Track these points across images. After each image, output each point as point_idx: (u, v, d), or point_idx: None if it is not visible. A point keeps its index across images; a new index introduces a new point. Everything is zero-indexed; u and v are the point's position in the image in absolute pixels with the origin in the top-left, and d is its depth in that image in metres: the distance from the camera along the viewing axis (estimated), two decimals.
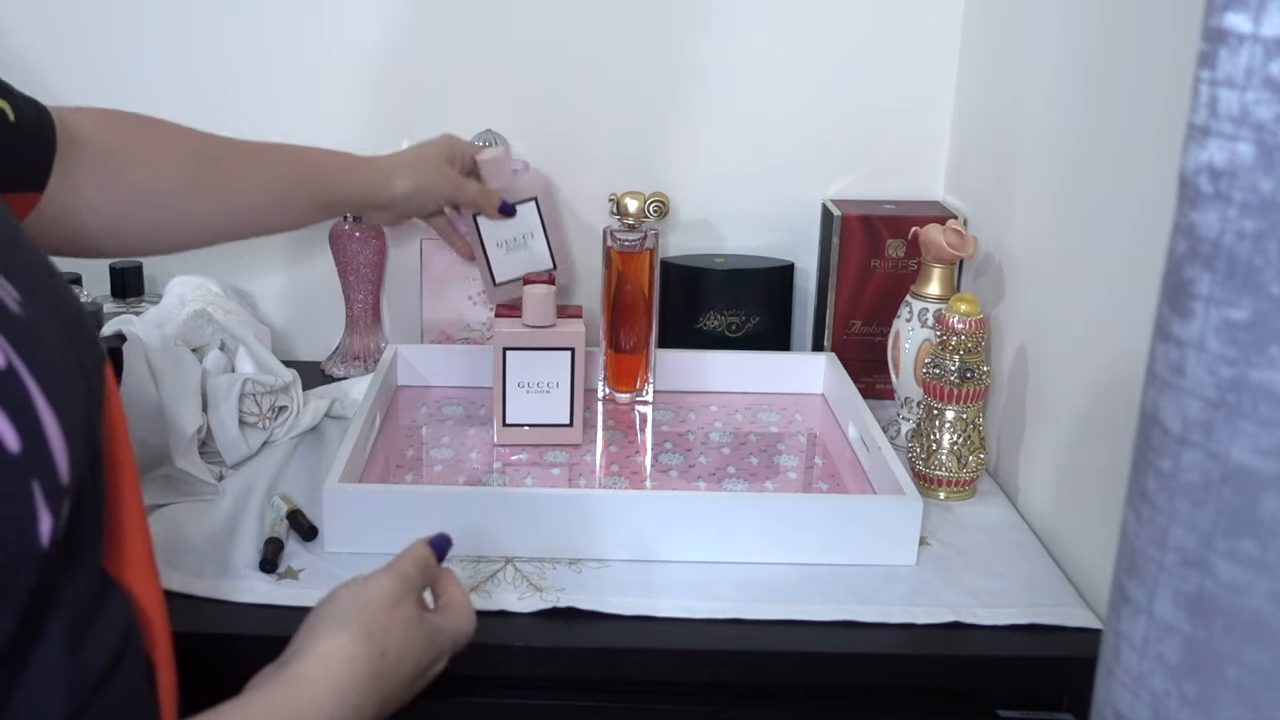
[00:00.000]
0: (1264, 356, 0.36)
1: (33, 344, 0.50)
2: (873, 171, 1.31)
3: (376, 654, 0.65)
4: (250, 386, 1.07)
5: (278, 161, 1.04)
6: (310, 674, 0.62)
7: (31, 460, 0.47)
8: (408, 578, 0.71)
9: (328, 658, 0.63)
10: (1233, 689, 0.38)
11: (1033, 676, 0.84)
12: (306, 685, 0.62)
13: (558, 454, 1.09)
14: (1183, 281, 0.38)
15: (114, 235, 0.92)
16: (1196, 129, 0.38)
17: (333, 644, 0.64)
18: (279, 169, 1.03)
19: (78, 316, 0.58)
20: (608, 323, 1.19)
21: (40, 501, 0.47)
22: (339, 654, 0.64)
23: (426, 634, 0.70)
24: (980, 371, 1.02)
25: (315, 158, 1.08)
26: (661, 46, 1.27)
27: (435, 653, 0.71)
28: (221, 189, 0.98)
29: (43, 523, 0.47)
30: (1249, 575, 0.37)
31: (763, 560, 0.91)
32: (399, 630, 0.67)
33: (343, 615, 0.66)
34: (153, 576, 0.62)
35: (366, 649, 0.65)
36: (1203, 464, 0.38)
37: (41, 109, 0.84)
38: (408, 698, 0.69)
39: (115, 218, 0.91)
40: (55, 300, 0.56)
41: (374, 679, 0.64)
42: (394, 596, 0.69)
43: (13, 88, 0.81)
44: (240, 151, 1.01)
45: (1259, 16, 0.35)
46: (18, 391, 0.48)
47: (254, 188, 1.01)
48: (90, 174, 0.88)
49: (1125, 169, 0.88)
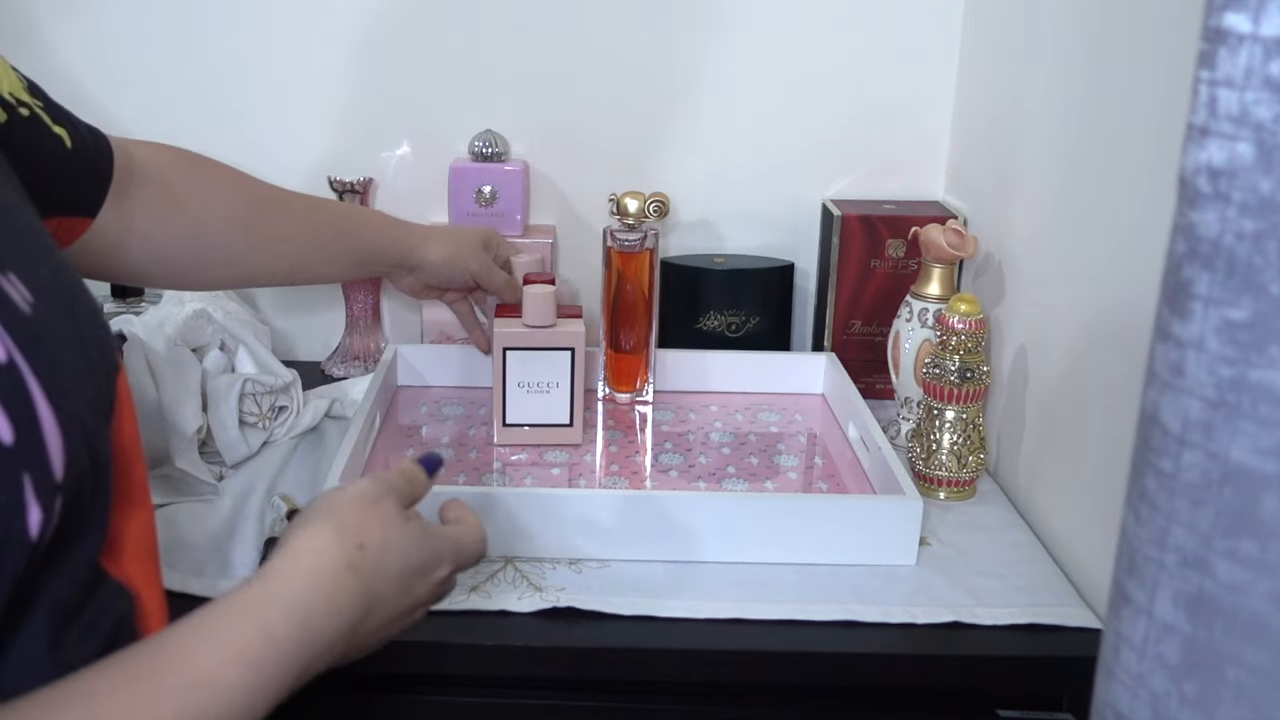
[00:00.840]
0: (1264, 356, 0.36)
1: (38, 341, 0.52)
2: (873, 171, 1.31)
3: (351, 546, 0.61)
4: (250, 386, 1.07)
5: (322, 213, 1.06)
6: (277, 567, 0.59)
7: (24, 453, 0.48)
8: (388, 481, 0.67)
9: (295, 551, 0.60)
10: (1232, 689, 0.38)
11: (1033, 676, 0.84)
12: (273, 577, 0.58)
13: (558, 454, 1.09)
14: (1182, 281, 0.38)
15: (160, 267, 0.94)
16: (1196, 129, 0.38)
17: (301, 538, 0.60)
18: (322, 220, 1.05)
19: (92, 318, 0.59)
20: (608, 323, 1.19)
21: (30, 494, 0.48)
22: (308, 546, 0.60)
23: (415, 533, 0.65)
24: (980, 371, 1.02)
25: (357, 213, 1.12)
26: (661, 46, 1.27)
27: (429, 555, 0.66)
28: (267, 233, 1.00)
29: (31, 515, 0.48)
30: (1249, 575, 0.37)
31: (763, 560, 0.91)
32: (376, 525, 0.63)
33: (314, 514, 0.63)
34: (155, 571, 0.63)
35: (338, 540, 0.61)
36: (1202, 464, 0.38)
37: (102, 138, 0.86)
38: (406, 603, 0.64)
39: (164, 251, 0.93)
40: (70, 302, 0.58)
41: (350, 570, 0.60)
42: (370, 496, 0.65)
43: (74, 117, 0.83)
44: (287, 199, 1.04)
45: (1258, 16, 0.35)
46: (16, 386, 0.49)
47: (297, 234, 1.02)
48: (146, 205, 0.90)
49: (1125, 169, 0.88)
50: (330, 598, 0.58)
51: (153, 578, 0.63)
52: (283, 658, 0.55)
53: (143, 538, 0.62)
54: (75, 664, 0.53)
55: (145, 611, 0.61)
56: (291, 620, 0.56)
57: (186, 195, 0.94)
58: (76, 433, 0.52)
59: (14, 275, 0.54)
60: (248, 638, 0.54)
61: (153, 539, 0.64)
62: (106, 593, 0.57)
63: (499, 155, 1.26)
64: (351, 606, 0.59)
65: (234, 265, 0.99)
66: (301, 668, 0.56)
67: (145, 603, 0.61)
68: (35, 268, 0.57)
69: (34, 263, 0.57)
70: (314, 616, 0.57)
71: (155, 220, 0.91)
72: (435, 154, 1.28)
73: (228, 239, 0.97)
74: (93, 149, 0.85)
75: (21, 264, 0.55)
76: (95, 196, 0.86)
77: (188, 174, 0.95)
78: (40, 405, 0.50)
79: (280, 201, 1.03)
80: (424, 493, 0.70)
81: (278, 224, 1.01)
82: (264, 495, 1.00)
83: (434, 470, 0.72)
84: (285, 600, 0.56)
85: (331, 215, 1.07)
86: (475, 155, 1.26)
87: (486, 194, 1.25)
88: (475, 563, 0.70)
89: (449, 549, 0.67)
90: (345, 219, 1.09)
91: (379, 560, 0.62)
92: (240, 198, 0.99)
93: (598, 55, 1.28)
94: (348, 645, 0.60)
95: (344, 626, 0.58)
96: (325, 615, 0.57)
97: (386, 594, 0.62)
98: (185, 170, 0.95)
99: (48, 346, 0.53)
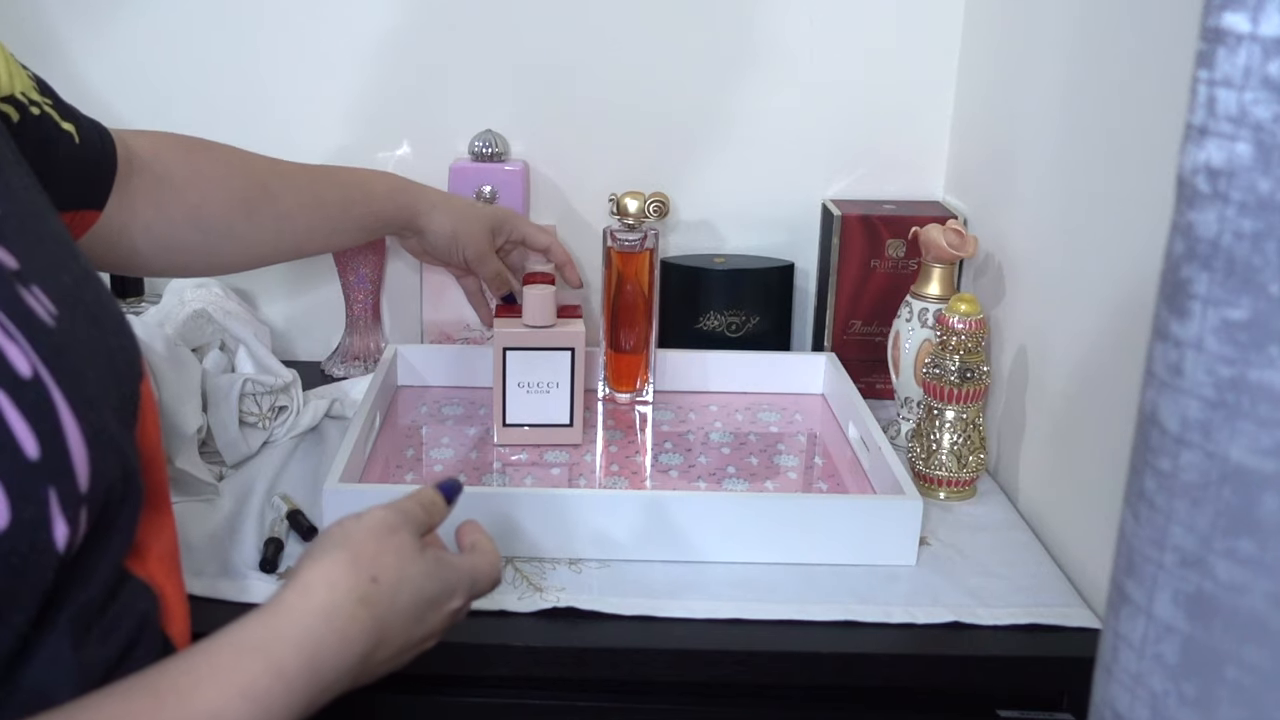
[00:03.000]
0: (1262, 356, 0.36)
1: (62, 354, 0.52)
2: (873, 171, 1.31)
3: (364, 579, 0.60)
4: (250, 386, 1.07)
5: (326, 185, 1.05)
6: (289, 600, 0.58)
7: (50, 466, 0.49)
8: (405, 510, 0.66)
9: (308, 584, 0.59)
10: (1231, 689, 0.38)
11: (1033, 676, 0.84)
12: (284, 611, 0.57)
13: (558, 454, 1.09)
14: (1181, 281, 0.38)
15: (165, 255, 0.94)
16: (1195, 129, 0.38)
17: (315, 570, 0.60)
18: (327, 193, 1.04)
19: (118, 329, 0.60)
20: (608, 323, 1.19)
21: (55, 508, 0.49)
22: (320, 579, 0.59)
23: (429, 565, 0.64)
24: (980, 371, 1.02)
25: (364, 180, 1.09)
26: (661, 47, 1.27)
27: (442, 587, 0.64)
28: (270, 212, 0.99)
29: (58, 528, 0.49)
30: (1248, 575, 0.37)
31: (763, 560, 0.91)
32: (391, 557, 0.62)
33: (328, 543, 0.62)
34: (177, 569, 0.64)
35: (352, 573, 0.60)
36: (1201, 464, 0.38)
37: (104, 131, 0.86)
38: (418, 633, 0.63)
39: (168, 239, 0.93)
40: (93, 309, 0.58)
41: (362, 604, 0.59)
42: (387, 526, 0.63)
43: (79, 111, 0.84)
44: (289, 174, 1.02)
45: (1257, 16, 0.35)
46: (41, 400, 0.50)
47: (301, 210, 1.02)
48: (146, 195, 0.90)
49: (1124, 168, 0.88)
50: (342, 631, 0.57)
51: (175, 575, 0.64)
52: (292, 693, 0.54)
53: (166, 538, 0.63)
54: (98, 661, 0.54)
55: (168, 609, 0.61)
56: (301, 656, 0.55)
57: (185, 182, 0.93)
58: (104, 444, 0.52)
59: (37, 288, 0.54)
60: (256, 674, 0.53)
61: (174, 538, 0.65)
62: (130, 592, 0.58)
63: (499, 155, 1.26)
64: (363, 640, 0.58)
65: (239, 248, 0.99)
66: (309, 701, 0.56)
67: (168, 600, 0.61)
68: (58, 277, 0.57)
69: (57, 272, 0.58)
70: (324, 651, 0.56)
71: (156, 209, 0.91)
72: (435, 154, 1.28)
73: (229, 222, 0.96)
74: (98, 143, 0.85)
75: (44, 275, 0.56)
76: (102, 189, 0.86)
77: (185, 160, 0.95)
78: (65, 418, 0.50)
79: (282, 178, 1.02)
80: (441, 520, 0.69)
81: (280, 201, 1.00)
82: (264, 495, 1.00)
83: (453, 497, 0.71)
84: (296, 637, 0.56)
85: (337, 186, 1.06)
86: (475, 155, 1.26)
87: (486, 194, 1.25)
88: (489, 591, 0.69)
89: (464, 580, 0.66)
90: (353, 187, 1.07)
91: (393, 594, 0.61)
92: (239, 179, 0.98)
93: (598, 55, 1.28)
94: (357, 676, 0.59)
95: (354, 659, 0.58)
96: (336, 650, 0.57)
97: (399, 626, 0.61)
98: (183, 156, 0.95)
99: (71, 358, 0.53)
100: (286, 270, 1.32)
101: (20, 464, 0.48)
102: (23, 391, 0.49)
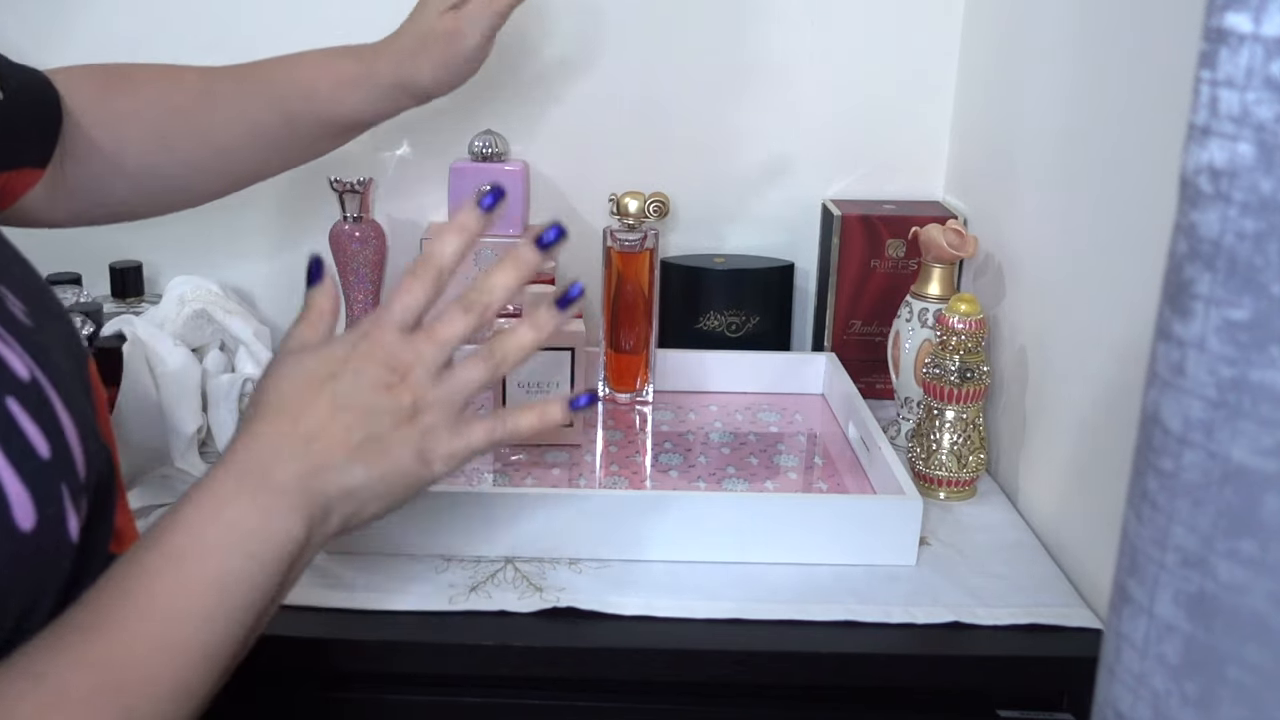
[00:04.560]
0: (1264, 356, 0.36)
1: (46, 353, 0.53)
2: (873, 171, 1.31)
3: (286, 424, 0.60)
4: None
5: (255, 98, 0.91)
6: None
7: (59, 464, 0.50)
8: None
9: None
10: (1233, 689, 0.38)
11: (1033, 676, 0.84)
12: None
13: (558, 454, 1.09)
14: (1183, 281, 0.38)
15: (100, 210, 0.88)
16: (1197, 129, 0.38)
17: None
18: (258, 112, 0.91)
19: (61, 312, 0.60)
20: (608, 323, 1.19)
21: (68, 503, 0.50)
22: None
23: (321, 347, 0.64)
24: (980, 371, 1.02)
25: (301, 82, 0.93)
26: (661, 47, 1.27)
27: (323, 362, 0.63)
28: (194, 143, 0.88)
29: (71, 522, 0.50)
30: (1249, 575, 0.37)
31: (762, 560, 0.91)
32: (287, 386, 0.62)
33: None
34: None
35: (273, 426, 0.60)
36: (1203, 464, 0.38)
37: (41, 82, 0.79)
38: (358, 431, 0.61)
39: (96, 194, 0.86)
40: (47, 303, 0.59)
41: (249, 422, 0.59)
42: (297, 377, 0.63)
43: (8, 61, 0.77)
44: (213, 97, 0.90)
45: (1259, 16, 0.35)
46: (42, 401, 0.51)
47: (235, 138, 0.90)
48: (64, 146, 0.82)
49: (1125, 169, 0.88)
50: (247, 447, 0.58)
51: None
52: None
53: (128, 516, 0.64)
54: None
55: None
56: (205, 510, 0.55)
57: (98, 127, 0.84)
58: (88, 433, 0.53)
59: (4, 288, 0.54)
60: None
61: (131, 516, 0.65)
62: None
63: (499, 155, 1.26)
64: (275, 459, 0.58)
65: (176, 188, 0.90)
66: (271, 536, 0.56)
67: None
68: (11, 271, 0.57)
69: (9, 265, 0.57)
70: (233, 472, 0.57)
71: (77, 163, 0.83)
72: (435, 154, 1.28)
73: (151, 164, 0.87)
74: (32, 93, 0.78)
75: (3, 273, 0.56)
76: (40, 144, 0.79)
77: (99, 101, 0.85)
78: (62, 415, 0.51)
79: (206, 99, 0.89)
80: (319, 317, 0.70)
81: (208, 131, 0.88)
82: None
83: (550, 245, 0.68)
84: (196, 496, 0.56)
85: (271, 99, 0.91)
86: (475, 155, 1.26)
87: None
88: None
89: (370, 348, 0.63)
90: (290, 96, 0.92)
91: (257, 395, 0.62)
92: (156, 112, 0.87)
93: (598, 55, 1.28)
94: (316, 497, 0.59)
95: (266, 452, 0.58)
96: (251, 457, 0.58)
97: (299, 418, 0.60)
98: (97, 96, 0.85)
99: (51, 354, 0.54)
100: (286, 270, 1.32)
101: (38, 465, 0.48)
102: (26, 394, 0.50)
